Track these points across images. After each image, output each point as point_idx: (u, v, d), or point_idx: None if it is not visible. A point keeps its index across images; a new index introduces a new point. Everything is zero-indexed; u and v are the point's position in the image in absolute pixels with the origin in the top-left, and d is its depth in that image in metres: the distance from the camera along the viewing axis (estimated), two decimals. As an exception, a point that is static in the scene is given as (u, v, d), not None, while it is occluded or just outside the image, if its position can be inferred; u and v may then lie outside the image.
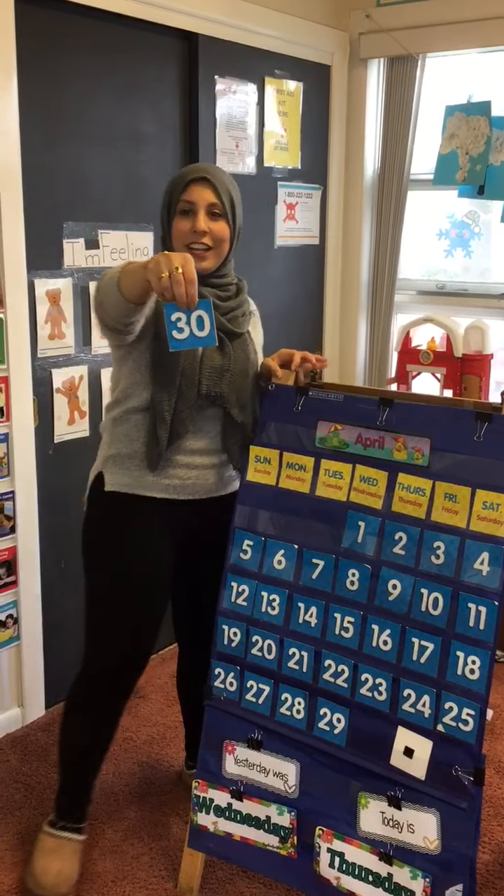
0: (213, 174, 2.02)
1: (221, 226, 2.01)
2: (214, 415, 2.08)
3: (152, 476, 2.07)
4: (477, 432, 1.88)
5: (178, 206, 2.01)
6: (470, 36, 3.44)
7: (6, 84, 2.47)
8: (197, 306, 1.67)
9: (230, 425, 2.09)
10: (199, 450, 2.08)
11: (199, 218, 1.98)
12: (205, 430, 2.08)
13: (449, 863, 1.84)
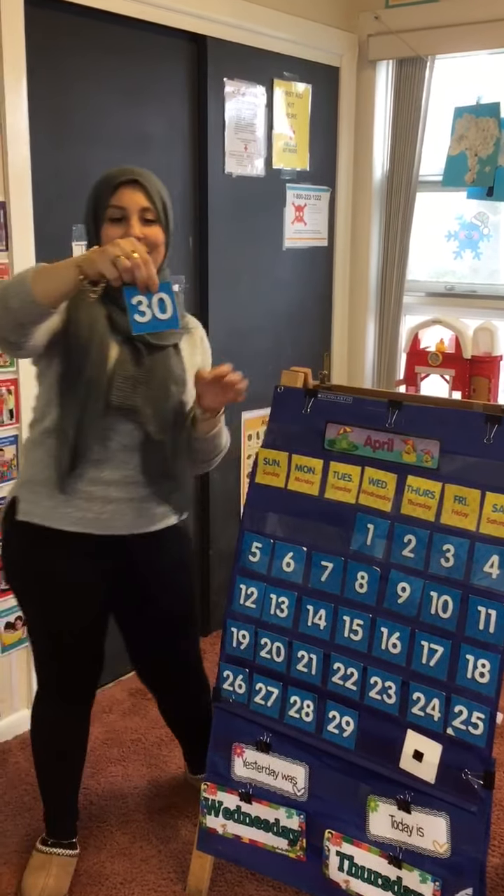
0: (143, 176, 1.88)
1: (155, 231, 1.88)
2: (132, 437, 1.91)
3: (64, 507, 1.92)
4: (487, 434, 1.87)
5: (106, 213, 1.86)
6: (479, 37, 3.43)
7: (16, 86, 2.47)
8: (158, 289, 1.65)
9: (149, 447, 1.91)
10: (114, 481, 1.93)
11: (133, 224, 1.84)
12: (120, 459, 1.93)
13: (458, 866, 1.84)
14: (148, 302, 1.64)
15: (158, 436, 1.89)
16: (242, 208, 3.37)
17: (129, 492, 1.95)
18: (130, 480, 1.95)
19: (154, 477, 1.94)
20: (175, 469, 1.96)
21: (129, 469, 1.94)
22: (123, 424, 1.89)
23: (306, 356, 3.79)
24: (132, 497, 1.96)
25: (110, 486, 1.93)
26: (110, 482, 1.92)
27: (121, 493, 1.94)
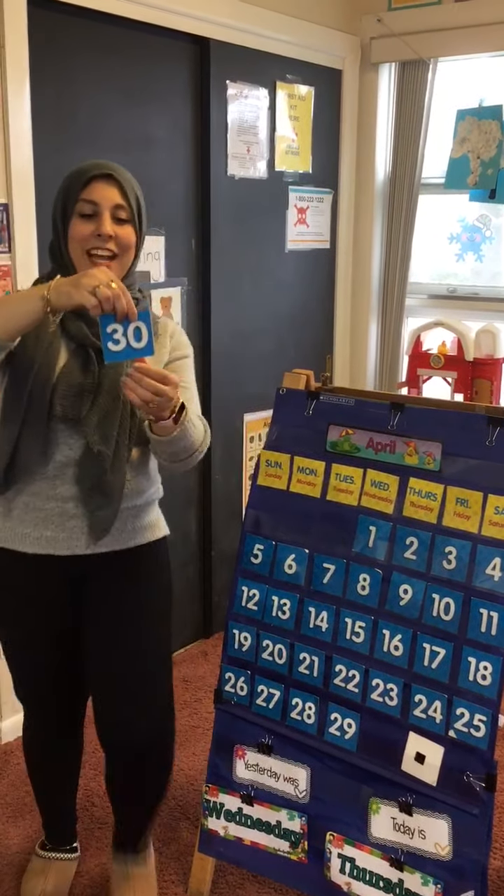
0: (118, 172, 1.76)
1: (127, 231, 1.76)
2: (78, 450, 1.79)
3: (21, 528, 1.83)
4: (489, 437, 1.87)
5: (76, 207, 1.74)
6: (481, 40, 3.44)
7: (19, 89, 2.48)
8: (137, 316, 1.59)
9: (87, 457, 1.77)
10: (72, 497, 1.80)
11: (105, 220, 1.73)
12: (73, 474, 1.81)
13: (460, 869, 1.84)
14: (123, 331, 1.59)
15: (98, 446, 1.75)
16: (245, 210, 3.38)
17: (79, 508, 1.83)
18: (80, 496, 1.83)
19: (85, 489, 1.79)
20: (110, 485, 1.79)
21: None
22: (71, 437, 1.78)
23: (308, 358, 3.80)
24: (83, 514, 1.83)
25: (68, 502, 1.81)
26: (67, 498, 1.81)
27: (73, 508, 1.81)
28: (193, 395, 1.91)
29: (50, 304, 1.59)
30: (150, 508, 1.96)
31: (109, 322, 1.58)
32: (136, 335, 1.59)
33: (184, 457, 1.81)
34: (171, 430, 1.70)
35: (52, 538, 1.82)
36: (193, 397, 1.90)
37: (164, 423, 1.68)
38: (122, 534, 1.87)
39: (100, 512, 1.80)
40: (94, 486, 1.78)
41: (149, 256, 2.99)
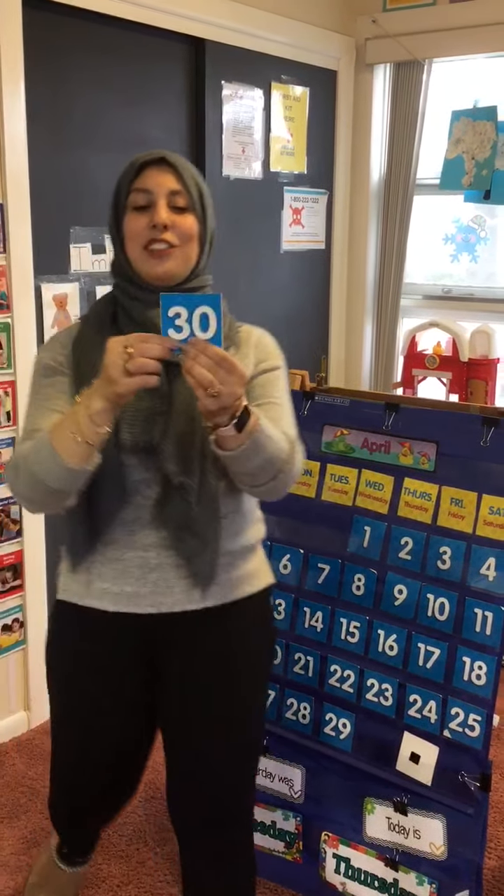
0: (173, 156, 1.55)
1: (187, 219, 1.52)
2: (156, 486, 1.52)
3: (99, 582, 1.57)
4: (483, 437, 1.88)
5: (128, 200, 1.53)
6: (476, 41, 3.44)
7: (14, 89, 2.48)
8: (202, 301, 1.34)
9: (168, 492, 1.50)
10: (152, 544, 1.54)
11: (159, 209, 1.50)
12: (148, 517, 1.55)
13: (455, 868, 1.84)
14: (188, 315, 1.33)
15: (179, 478, 1.47)
16: (240, 211, 3.38)
17: (170, 555, 1.55)
18: (168, 543, 1.56)
19: (172, 530, 1.51)
20: (201, 522, 1.50)
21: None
22: (147, 471, 1.51)
23: (304, 359, 3.79)
24: (177, 562, 1.54)
25: (149, 551, 1.54)
26: (147, 546, 1.54)
27: (161, 556, 1.54)
28: (284, 414, 1.58)
29: (92, 435, 1.37)
30: (250, 554, 1.64)
31: (171, 304, 1.34)
32: (203, 322, 1.34)
33: (263, 480, 1.48)
34: (238, 441, 1.39)
35: (133, 594, 1.55)
36: (284, 416, 1.58)
37: (225, 431, 1.38)
38: (215, 587, 1.57)
39: (196, 558, 1.52)
40: (182, 525, 1.50)
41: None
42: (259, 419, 1.42)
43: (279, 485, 1.50)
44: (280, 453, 1.47)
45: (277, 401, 1.59)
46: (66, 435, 1.37)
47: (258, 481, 1.48)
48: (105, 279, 2.86)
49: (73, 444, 1.36)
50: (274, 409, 1.57)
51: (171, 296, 1.34)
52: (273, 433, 1.46)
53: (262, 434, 1.42)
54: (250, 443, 1.40)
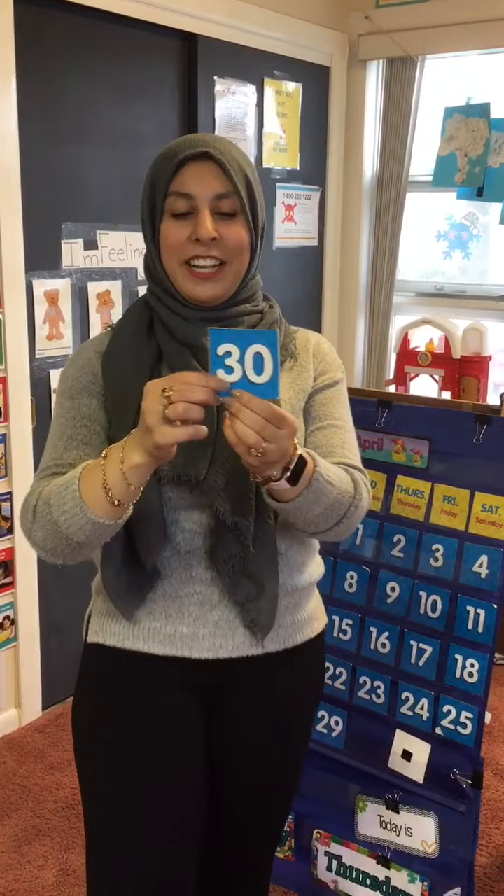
0: (219, 146, 1.29)
1: (237, 229, 1.30)
2: (204, 525, 1.31)
3: (148, 620, 1.34)
4: (476, 434, 1.88)
5: (165, 204, 1.29)
6: (469, 37, 3.44)
7: (5, 84, 2.46)
8: (255, 338, 1.12)
9: (220, 533, 1.29)
10: (208, 579, 1.32)
11: (203, 218, 1.27)
12: (200, 554, 1.34)
13: (447, 866, 1.84)
14: (240, 355, 1.12)
15: (232, 517, 1.27)
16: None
17: (229, 594, 1.33)
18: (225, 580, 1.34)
19: (225, 574, 1.31)
20: (258, 565, 1.31)
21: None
22: (194, 508, 1.31)
23: (296, 356, 3.79)
24: (236, 601, 1.33)
25: (210, 587, 1.32)
26: (208, 581, 1.32)
27: (215, 594, 1.32)
28: (347, 439, 1.39)
29: (123, 494, 1.15)
30: (313, 592, 1.46)
31: (221, 341, 1.12)
32: (257, 364, 1.12)
33: (326, 526, 1.29)
34: (293, 493, 1.20)
35: (189, 636, 1.33)
36: (347, 441, 1.38)
37: (277, 485, 1.19)
38: (279, 630, 1.37)
39: (251, 605, 1.32)
40: (237, 570, 1.30)
41: (136, 252, 2.97)
42: (317, 464, 1.21)
43: (344, 529, 1.31)
44: (344, 496, 1.27)
45: (339, 422, 1.39)
46: (97, 486, 1.15)
47: (320, 528, 1.29)
48: (97, 275, 2.86)
49: (103, 499, 1.15)
50: (337, 434, 1.37)
51: (220, 331, 1.13)
52: (335, 475, 1.25)
53: (321, 481, 1.21)
54: (308, 492, 1.20)
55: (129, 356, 1.32)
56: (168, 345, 1.31)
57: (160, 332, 1.33)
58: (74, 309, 2.81)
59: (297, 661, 1.41)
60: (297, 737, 1.47)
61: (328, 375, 1.42)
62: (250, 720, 1.39)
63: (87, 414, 1.32)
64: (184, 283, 1.30)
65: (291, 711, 1.43)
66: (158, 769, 1.33)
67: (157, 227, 1.30)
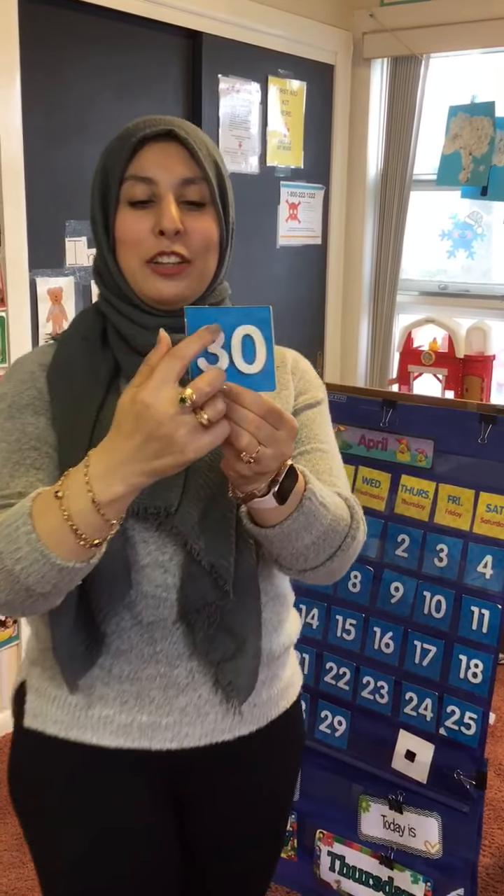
0: (185, 128, 1.10)
1: (205, 222, 1.11)
2: (176, 569, 1.08)
3: (100, 707, 1.12)
4: (481, 434, 1.87)
5: (122, 190, 1.09)
6: (474, 36, 3.43)
7: (9, 82, 2.46)
8: (244, 317, 0.92)
9: (193, 574, 1.07)
10: (175, 655, 1.10)
11: (168, 206, 1.07)
12: (171, 615, 1.10)
13: (450, 867, 1.83)
14: (226, 337, 0.91)
15: (209, 556, 1.06)
16: (236, 205, 3.35)
17: (202, 668, 1.12)
18: (200, 649, 1.12)
19: (200, 627, 1.09)
20: (238, 616, 1.10)
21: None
22: (164, 547, 1.08)
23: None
24: (210, 680, 1.13)
25: (176, 666, 1.11)
26: (175, 657, 1.11)
27: (198, 674, 1.12)
28: (334, 465, 1.19)
29: (100, 531, 0.93)
30: (290, 656, 1.26)
31: (201, 320, 0.91)
32: (247, 349, 0.92)
33: (316, 562, 1.08)
34: (281, 515, 1.00)
35: (149, 725, 1.12)
36: (334, 468, 1.19)
37: (262, 502, 0.97)
38: (254, 709, 1.18)
39: (229, 664, 1.10)
40: (213, 621, 1.09)
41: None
42: (308, 481, 1.01)
43: (338, 566, 1.10)
44: (339, 524, 1.06)
45: (325, 446, 1.20)
46: (58, 523, 0.92)
47: (310, 563, 1.07)
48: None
49: (69, 539, 0.92)
50: (323, 459, 1.17)
51: (199, 310, 0.92)
52: (329, 498, 1.05)
53: (314, 501, 1.01)
54: (299, 514, 1.00)
55: (80, 369, 1.12)
56: (126, 356, 1.11)
57: (115, 342, 1.13)
58: (78, 307, 2.80)
59: (276, 739, 1.22)
60: (278, 822, 1.29)
61: (310, 394, 1.23)
62: (226, 814, 1.20)
63: (35, 434, 1.09)
64: (145, 283, 1.10)
65: (272, 798, 1.25)
66: (126, 890, 1.13)
67: (112, 220, 1.11)
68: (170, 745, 1.13)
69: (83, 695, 1.12)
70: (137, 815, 1.14)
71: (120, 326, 1.12)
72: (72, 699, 1.13)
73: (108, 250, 1.12)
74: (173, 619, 1.09)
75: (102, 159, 1.13)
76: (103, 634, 1.08)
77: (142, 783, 1.15)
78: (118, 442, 0.90)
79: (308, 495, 1.00)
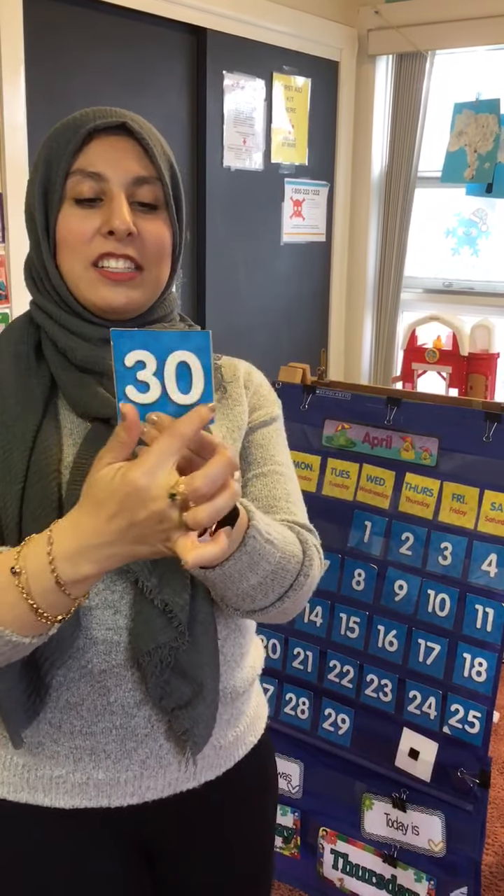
0: (138, 122, 1.02)
1: (158, 228, 1.02)
2: (126, 608, 0.99)
3: (50, 766, 1.02)
4: (486, 433, 1.87)
5: (66, 187, 1.00)
6: (479, 33, 3.42)
7: (14, 78, 2.45)
8: (178, 342, 0.81)
9: (145, 618, 0.98)
10: (132, 703, 1.01)
11: (119, 205, 0.98)
12: (122, 659, 1.01)
13: (453, 865, 1.83)
14: (158, 364, 0.82)
15: (162, 595, 0.97)
16: (240, 202, 3.36)
17: (158, 716, 1.03)
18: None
19: (152, 672, 0.99)
20: (193, 658, 1.01)
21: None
22: (113, 584, 0.99)
23: (303, 352, 3.78)
24: (167, 728, 1.04)
25: (134, 715, 1.01)
26: (132, 707, 1.01)
27: (156, 721, 1.03)
28: (292, 490, 1.13)
29: (64, 608, 0.85)
30: (253, 691, 1.18)
31: (130, 346, 0.81)
32: (182, 378, 0.82)
33: (266, 602, 1.00)
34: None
35: (106, 781, 1.03)
36: (291, 492, 1.12)
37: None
38: (219, 751, 1.10)
39: (184, 711, 1.01)
40: (166, 664, 0.99)
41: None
42: (252, 517, 0.92)
43: (290, 606, 1.02)
44: (289, 561, 0.99)
45: (282, 468, 1.13)
46: (17, 601, 0.83)
47: (258, 604, 0.99)
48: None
49: (28, 617, 0.84)
50: (279, 483, 1.11)
51: (126, 333, 0.81)
52: (277, 533, 0.97)
53: (258, 539, 0.92)
54: (241, 554, 0.91)
55: (11, 390, 0.99)
56: (64, 372, 1.00)
57: (52, 356, 1.02)
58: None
59: (247, 778, 1.14)
60: (258, 866, 1.19)
61: (265, 410, 1.14)
62: (198, 864, 1.11)
63: None
64: (90, 289, 1.00)
65: (245, 843, 1.15)
66: None
67: (53, 218, 1.01)
68: (130, 801, 1.03)
69: (31, 754, 1.02)
70: (103, 875, 1.05)
71: (57, 338, 1.01)
72: (19, 759, 1.02)
73: (47, 251, 1.02)
74: (126, 664, 0.99)
75: (44, 150, 1.02)
76: (48, 685, 0.97)
77: (104, 840, 1.05)
78: (94, 522, 0.80)
79: (252, 533, 0.91)
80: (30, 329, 1.04)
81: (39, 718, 0.99)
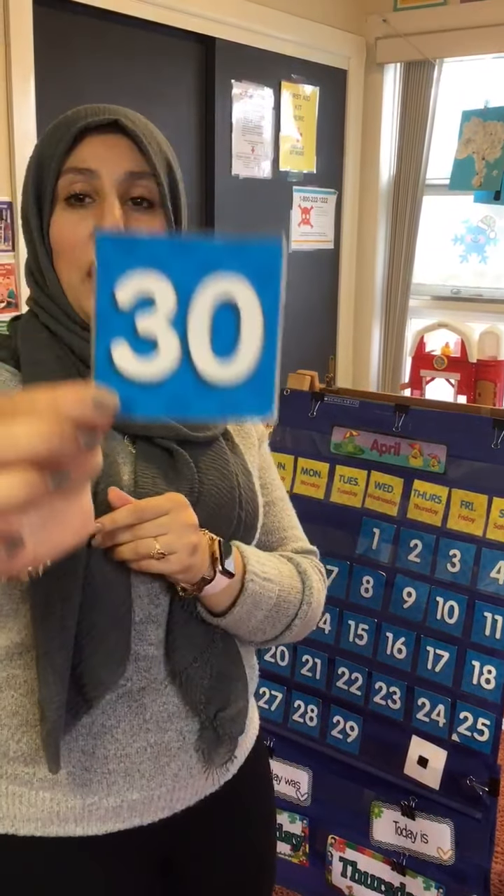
0: (132, 119, 0.99)
1: (152, 225, 0.97)
2: (163, 617, 0.98)
3: (53, 793, 0.97)
4: (494, 440, 1.86)
5: (58, 185, 0.96)
6: (487, 41, 3.43)
7: (24, 87, 2.47)
8: (226, 260, 0.57)
9: (179, 620, 0.97)
10: (167, 717, 0.99)
11: (110, 204, 0.94)
12: (161, 676, 1.00)
13: (462, 873, 1.83)
14: (179, 303, 0.53)
15: (199, 610, 0.99)
16: (249, 210, 3.37)
17: (193, 725, 1.02)
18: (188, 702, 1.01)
19: (198, 683, 0.99)
20: (229, 662, 1.02)
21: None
22: (156, 598, 0.97)
23: (311, 359, 3.79)
24: (190, 729, 1.02)
25: (167, 730, 1.00)
26: (165, 720, 0.99)
27: (188, 732, 1.01)
28: (293, 515, 1.17)
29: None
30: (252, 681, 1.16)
31: (123, 261, 0.53)
32: (222, 330, 0.56)
33: (273, 633, 1.05)
34: (231, 592, 0.96)
35: (141, 801, 1.00)
36: (293, 517, 1.17)
37: (212, 586, 0.94)
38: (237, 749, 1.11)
39: (223, 713, 1.00)
40: (211, 670, 0.99)
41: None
42: (246, 559, 0.97)
43: (298, 632, 1.07)
44: (290, 593, 1.02)
45: (281, 492, 1.15)
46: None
47: (268, 635, 1.04)
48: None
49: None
50: (285, 510, 1.13)
51: (122, 240, 0.53)
52: (272, 569, 1.01)
53: (256, 581, 0.97)
54: (245, 598, 0.96)
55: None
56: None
57: (75, 362, 0.97)
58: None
59: (254, 772, 1.16)
60: (272, 851, 1.23)
61: (261, 429, 1.12)
62: (215, 868, 1.11)
63: None
64: (84, 299, 0.95)
65: (258, 838, 1.18)
66: None
67: (47, 221, 0.96)
68: (162, 815, 1.01)
69: (60, 785, 0.97)
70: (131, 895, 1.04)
71: (72, 343, 0.96)
72: (45, 793, 0.96)
73: (44, 256, 0.97)
74: (164, 679, 0.98)
75: (37, 151, 0.99)
76: (85, 710, 0.93)
77: (131, 859, 1.02)
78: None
79: (249, 577, 0.97)
80: (47, 340, 0.98)
81: (71, 747, 0.95)
